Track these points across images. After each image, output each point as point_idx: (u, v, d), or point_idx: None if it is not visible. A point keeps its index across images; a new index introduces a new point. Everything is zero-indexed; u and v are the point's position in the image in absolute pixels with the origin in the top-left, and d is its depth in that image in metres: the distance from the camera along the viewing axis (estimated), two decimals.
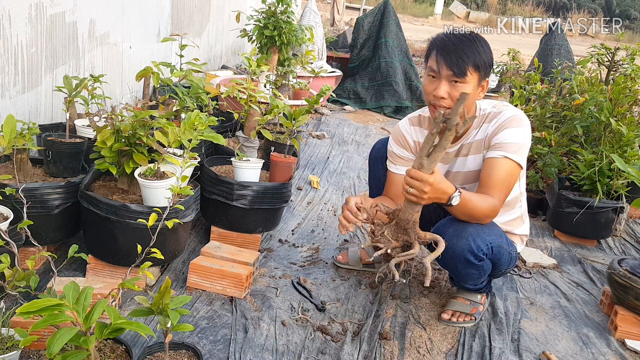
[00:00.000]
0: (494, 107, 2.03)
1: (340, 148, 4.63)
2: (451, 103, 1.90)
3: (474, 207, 1.86)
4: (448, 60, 1.87)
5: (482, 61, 1.89)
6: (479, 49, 1.90)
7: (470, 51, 1.88)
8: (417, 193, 1.71)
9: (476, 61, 1.88)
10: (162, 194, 1.94)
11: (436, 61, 1.90)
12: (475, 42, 1.91)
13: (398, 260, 1.77)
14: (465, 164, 2.09)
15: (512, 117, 1.96)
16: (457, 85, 1.88)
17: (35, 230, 1.78)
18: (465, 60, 1.86)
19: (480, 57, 1.89)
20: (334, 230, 2.92)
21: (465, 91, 1.87)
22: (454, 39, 1.91)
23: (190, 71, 2.39)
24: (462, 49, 1.87)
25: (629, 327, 2.15)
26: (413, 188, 1.71)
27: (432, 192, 1.71)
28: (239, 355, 1.75)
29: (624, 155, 2.98)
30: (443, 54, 1.88)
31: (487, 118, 2.02)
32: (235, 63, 7.19)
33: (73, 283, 1.26)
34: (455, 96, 1.88)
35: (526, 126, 1.97)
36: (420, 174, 1.70)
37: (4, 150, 1.84)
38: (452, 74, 1.87)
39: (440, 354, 1.92)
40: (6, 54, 2.43)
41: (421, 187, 1.70)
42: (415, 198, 1.73)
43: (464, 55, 1.87)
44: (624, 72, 3.99)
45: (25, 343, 1.29)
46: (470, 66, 1.87)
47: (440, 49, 1.90)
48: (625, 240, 3.27)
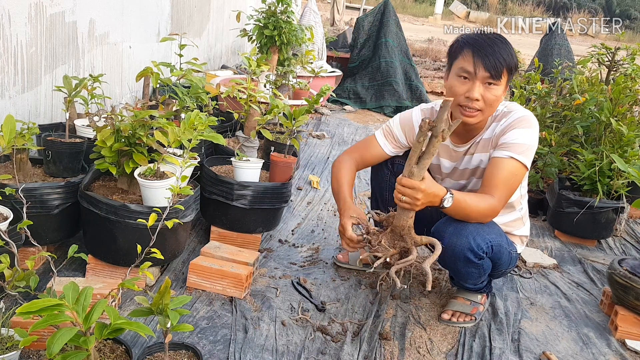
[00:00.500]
0: (505, 106, 2.02)
1: (340, 148, 4.63)
2: (484, 105, 1.90)
3: (469, 207, 1.86)
4: (486, 62, 1.85)
5: (514, 64, 1.90)
6: (511, 51, 1.90)
7: (505, 53, 1.87)
8: (410, 200, 1.75)
9: (510, 64, 1.88)
10: (162, 194, 1.93)
11: (473, 62, 1.87)
12: (507, 44, 1.90)
13: (397, 268, 1.79)
14: (472, 161, 2.08)
15: (521, 117, 1.96)
16: (491, 88, 1.88)
17: (35, 230, 1.78)
18: (502, 63, 1.85)
19: (513, 59, 1.90)
20: (334, 230, 2.91)
21: (497, 93, 1.89)
22: (489, 40, 1.89)
23: (190, 71, 2.39)
24: (498, 51, 1.86)
25: (629, 327, 2.15)
26: (406, 196, 1.74)
27: (425, 197, 1.75)
28: (238, 355, 1.75)
29: (624, 155, 2.98)
30: (480, 55, 1.86)
31: (497, 117, 2.02)
32: (235, 63, 7.19)
33: (73, 283, 1.25)
34: (489, 98, 1.88)
35: (535, 127, 1.96)
36: (412, 182, 1.73)
37: (4, 150, 1.84)
38: (489, 76, 1.86)
39: (440, 354, 1.92)
40: (6, 54, 2.43)
41: (414, 195, 1.73)
42: (408, 205, 1.77)
43: (500, 57, 1.85)
44: (624, 72, 3.99)
45: (25, 343, 1.29)
46: (505, 69, 1.87)
47: (476, 50, 1.87)
48: (626, 240, 3.26)
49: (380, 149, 2.24)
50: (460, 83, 1.91)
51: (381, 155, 2.24)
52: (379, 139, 2.24)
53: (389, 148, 2.23)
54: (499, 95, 1.90)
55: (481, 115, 1.93)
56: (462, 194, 1.86)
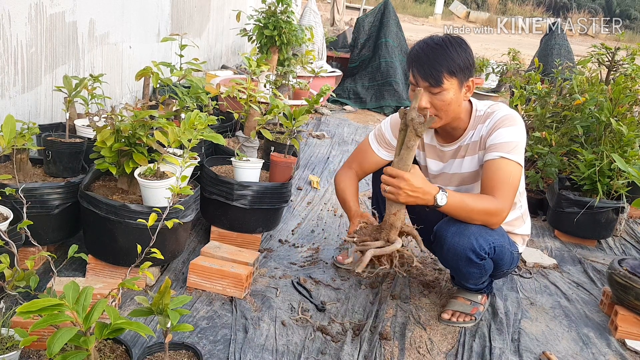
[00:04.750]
0: (489, 107, 2.04)
1: (340, 148, 4.63)
2: (436, 111, 1.93)
3: (469, 206, 1.86)
4: (422, 72, 1.89)
5: (457, 65, 1.89)
6: (452, 54, 1.89)
7: (442, 58, 1.87)
8: (394, 190, 1.77)
9: (450, 67, 1.88)
10: (162, 194, 1.93)
11: (413, 75, 1.93)
12: (448, 47, 1.90)
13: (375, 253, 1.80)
14: (462, 166, 2.09)
15: (504, 116, 1.97)
16: (437, 95, 1.90)
17: (35, 230, 1.78)
18: (438, 70, 1.87)
19: (455, 62, 1.88)
20: (334, 230, 2.91)
21: (444, 98, 1.91)
22: (426, 49, 1.91)
23: (190, 71, 2.39)
24: (434, 59, 1.88)
25: (629, 327, 2.15)
26: (389, 185, 1.77)
27: (409, 188, 1.76)
28: (238, 355, 1.75)
29: (625, 155, 2.98)
30: (417, 67, 1.90)
31: (481, 119, 2.02)
32: (235, 63, 7.19)
33: (73, 283, 1.25)
34: (437, 104, 1.91)
35: (519, 124, 1.97)
36: (394, 170, 1.77)
37: (4, 150, 1.84)
38: (429, 85, 1.89)
39: (440, 354, 1.92)
40: (6, 54, 2.43)
41: (397, 184, 1.76)
42: (392, 196, 1.79)
43: (436, 64, 1.87)
44: (624, 72, 3.99)
45: (25, 343, 1.29)
46: (445, 73, 1.87)
47: (414, 62, 1.92)
48: (626, 240, 3.27)
49: (376, 155, 2.25)
50: (412, 95, 1.94)
51: (379, 162, 2.25)
52: (373, 145, 2.25)
53: (383, 153, 2.24)
54: (449, 98, 1.90)
55: (439, 120, 1.96)
56: (458, 193, 1.86)
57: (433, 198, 1.80)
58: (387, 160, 2.24)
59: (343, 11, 10.25)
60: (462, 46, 1.92)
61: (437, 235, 1.99)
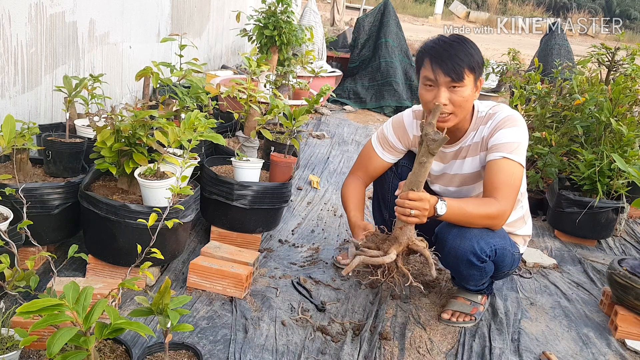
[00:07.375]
0: (491, 108, 2.04)
1: (340, 148, 4.63)
2: (453, 109, 1.92)
3: (469, 213, 1.86)
4: (444, 68, 1.88)
5: (476, 62, 1.91)
6: (470, 50, 1.91)
7: (463, 54, 1.89)
8: (420, 213, 1.77)
9: (471, 63, 1.89)
10: (162, 194, 1.93)
11: (432, 70, 1.90)
12: (465, 44, 1.92)
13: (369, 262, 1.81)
14: (463, 167, 2.09)
15: (506, 117, 1.97)
16: (457, 90, 1.90)
17: (35, 230, 1.78)
18: (460, 65, 1.87)
19: (474, 58, 1.90)
20: (334, 230, 2.91)
21: (463, 94, 1.90)
22: (445, 45, 1.91)
23: (190, 71, 2.39)
24: (455, 54, 1.88)
25: (629, 327, 2.15)
26: (415, 209, 1.76)
27: (430, 207, 1.77)
28: (238, 355, 1.75)
29: (625, 155, 2.98)
30: (438, 62, 1.89)
31: (483, 119, 2.02)
32: (235, 63, 7.19)
33: (73, 283, 1.25)
34: (457, 100, 1.90)
35: (521, 125, 1.97)
36: (418, 195, 1.76)
37: (4, 150, 1.84)
38: (451, 80, 1.88)
39: (440, 354, 1.92)
40: (6, 54, 2.43)
41: (423, 206, 1.76)
42: (417, 219, 1.79)
43: (458, 59, 1.87)
44: (624, 72, 3.99)
45: (25, 343, 1.29)
46: (466, 69, 1.88)
47: (433, 57, 1.90)
48: (626, 240, 3.26)
49: (381, 159, 2.25)
50: (426, 91, 1.94)
51: (384, 166, 2.26)
52: (377, 149, 2.25)
53: (388, 156, 2.24)
54: (467, 95, 1.91)
55: (455, 117, 1.95)
56: (457, 200, 1.87)
57: (433, 208, 1.81)
58: (392, 164, 2.25)
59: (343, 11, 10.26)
60: (474, 45, 1.95)
61: (438, 237, 1.99)
